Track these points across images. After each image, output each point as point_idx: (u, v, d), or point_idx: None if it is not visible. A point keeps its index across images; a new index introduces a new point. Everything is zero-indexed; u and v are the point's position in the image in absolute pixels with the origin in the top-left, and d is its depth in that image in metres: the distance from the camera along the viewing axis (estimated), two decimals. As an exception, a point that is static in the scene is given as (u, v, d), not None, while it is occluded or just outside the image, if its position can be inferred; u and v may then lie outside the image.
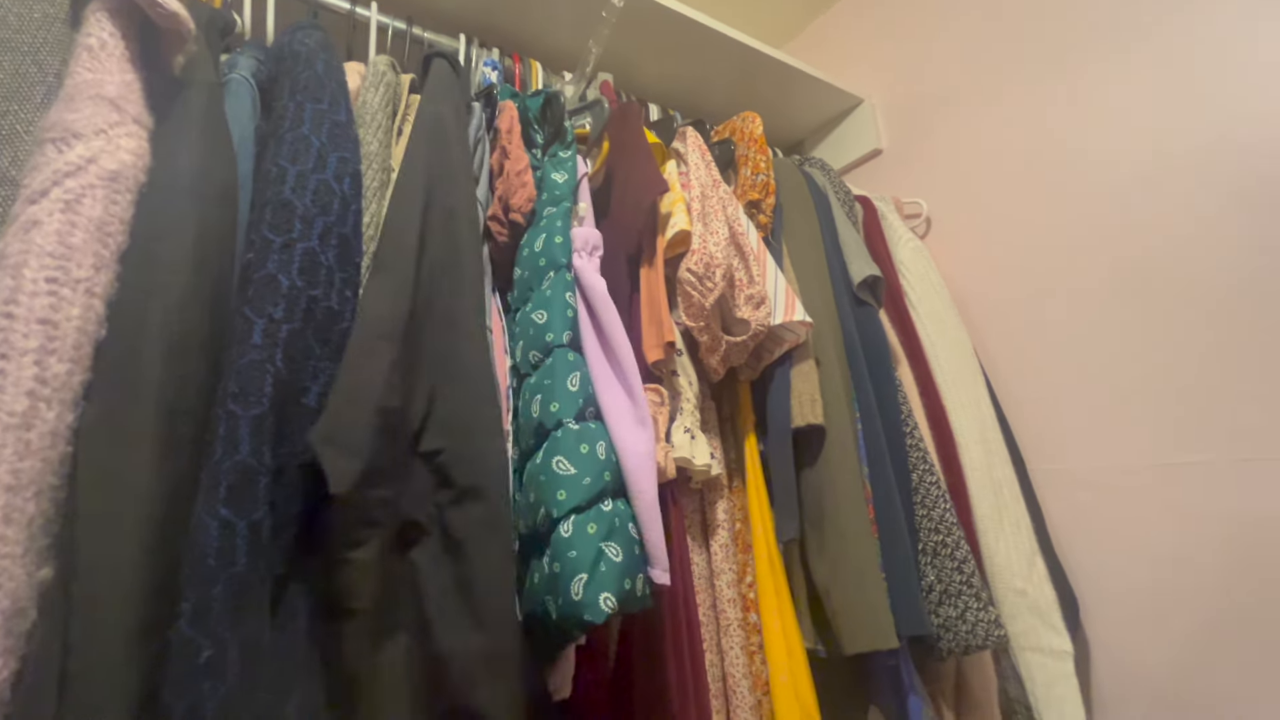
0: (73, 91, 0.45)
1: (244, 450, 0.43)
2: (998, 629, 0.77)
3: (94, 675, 0.39)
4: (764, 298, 0.83)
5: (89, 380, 0.43)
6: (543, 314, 0.68)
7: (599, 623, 0.53)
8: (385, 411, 0.52)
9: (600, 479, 0.60)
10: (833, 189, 1.05)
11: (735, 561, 0.84)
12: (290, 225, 0.51)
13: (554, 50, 1.10)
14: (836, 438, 0.82)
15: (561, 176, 0.79)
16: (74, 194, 0.42)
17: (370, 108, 0.67)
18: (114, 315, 0.45)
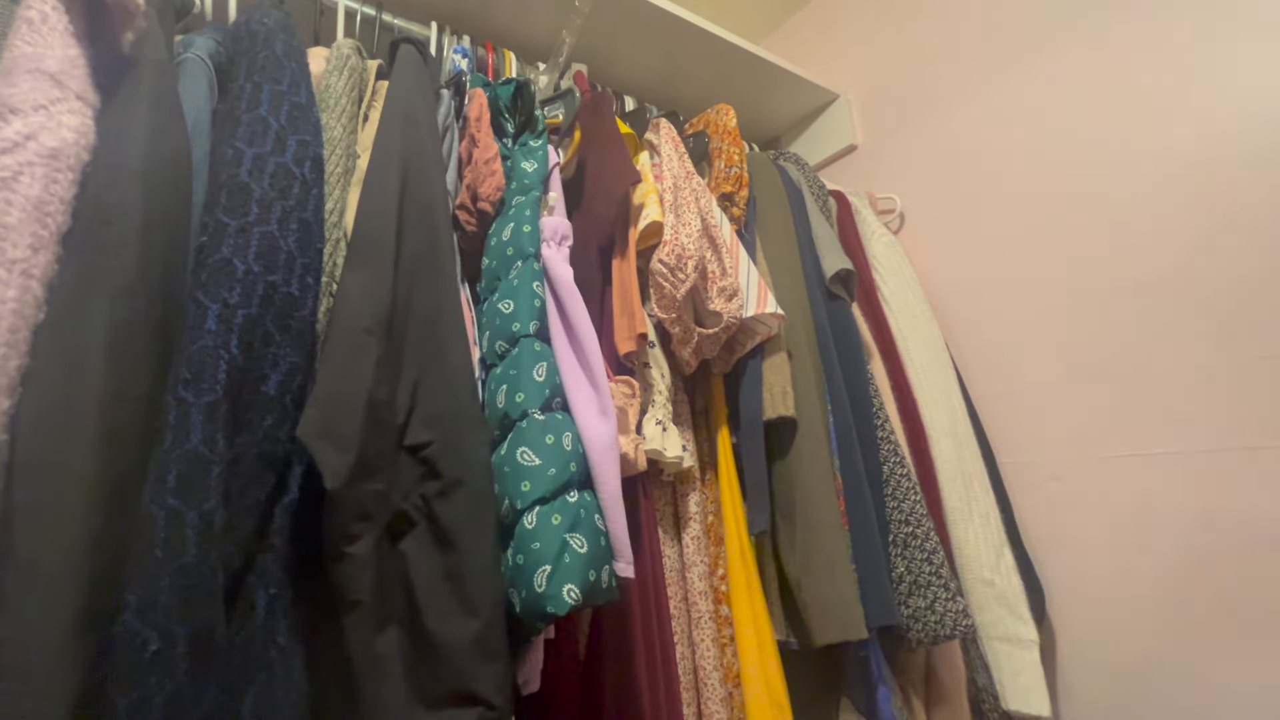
0: (10, 65, 0.43)
1: (195, 439, 0.42)
2: (966, 619, 0.77)
3: (32, 671, 0.37)
4: (736, 290, 0.83)
5: (26, 366, 0.42)
6: (509, 304, 0.67)
7: (562, 615, 0.53)
8: (374, 405, 0.51)
9: (566, 470, 0.60)
10: (807, 183, 1.06)
11: (707, 554, 0.83)
12: (247, 209, 0.49)
13: (528, 40, 1.09)
14: (808, 430, 0.82)
15: (531, 165, 0.78)
16: (10, 171, 0.41)
17: (334, 92, 0.66)
18: (54, 299, 0.43)
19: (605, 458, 0.64)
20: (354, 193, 0.65)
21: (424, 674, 0.53)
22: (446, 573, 0.54)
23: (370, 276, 0.57)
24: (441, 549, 0.55)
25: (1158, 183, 0.90)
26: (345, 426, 0.50)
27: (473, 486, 0.56)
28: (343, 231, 0.63)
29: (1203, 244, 0.86)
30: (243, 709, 0.45)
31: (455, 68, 0.87)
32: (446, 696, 0.52)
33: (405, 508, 0.56)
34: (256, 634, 0.46)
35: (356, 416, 0.51)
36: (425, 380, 0.59)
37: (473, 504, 0.56)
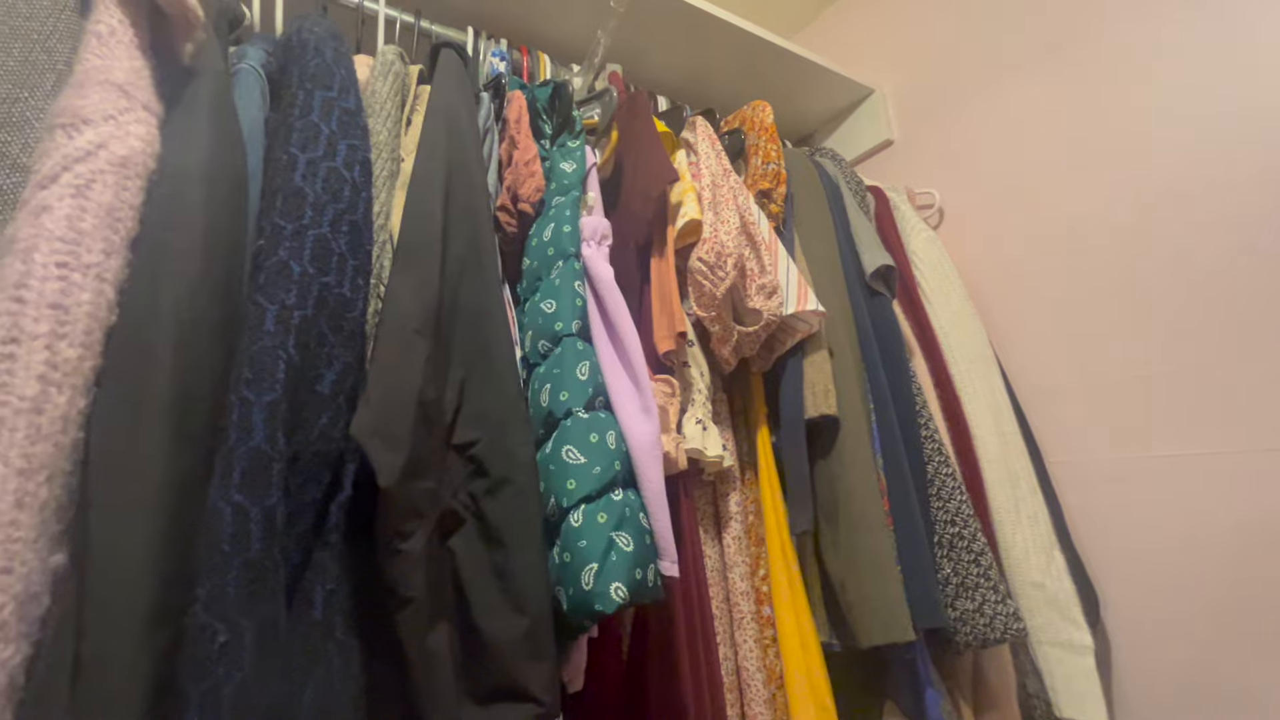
0: (82, 78, 0.45)
1: (257, 436, 0.43)
2: (1017, 622, 0.75)
3: (107, 661, 0.39)
4: (776, 287, 0.82)
5: (101, 366, 0.43)
6: (551, 303, 0.68)
7: (610, 613, 0.53)
8: (424, 404, 0.52)
9: (610, 468, 0.60)
10: (844, 179, 1.04)
11: (748, 554, 0.83)
12: (301, 212, 0.51)
13: (562, 42, 1.09)
14: (850, 429, 0.81)
15: (570, 166, 0.78)
16: (84, 179, 0.42)
17: (379, 97, 0.67)
18: (125, 301, 0.45)
19: (649, 456, 0.64)
20: (399, 196, 0.67)
21: (474, 669, 0.53)
22: (495, 570, 0.55)
23: (418, 278, 0.58)
24: (490, 546, 0.56)
25: (1217, 176, 0.87)
26: (397, 425, 0.51)
27: (519, 485, 0.56)
28: (389, 234, 0.64)
29: (1264, 240, 0.82)
30: (303, 701, 0.46)
31: (493, 70, 0.88)
32: (496, 692, 0.53)
33: (454, 505, 0.57)
34: (315, 629, 0.47)
35: (407, 415, 0.52)
36: (472, 379, 0.60)
37: (520, 502, 0.56)
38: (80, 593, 0.40)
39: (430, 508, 0.54)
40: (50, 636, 0.39)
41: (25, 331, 0.39)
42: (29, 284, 0.39)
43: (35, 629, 0.39)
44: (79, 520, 0.42)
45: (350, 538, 0.51)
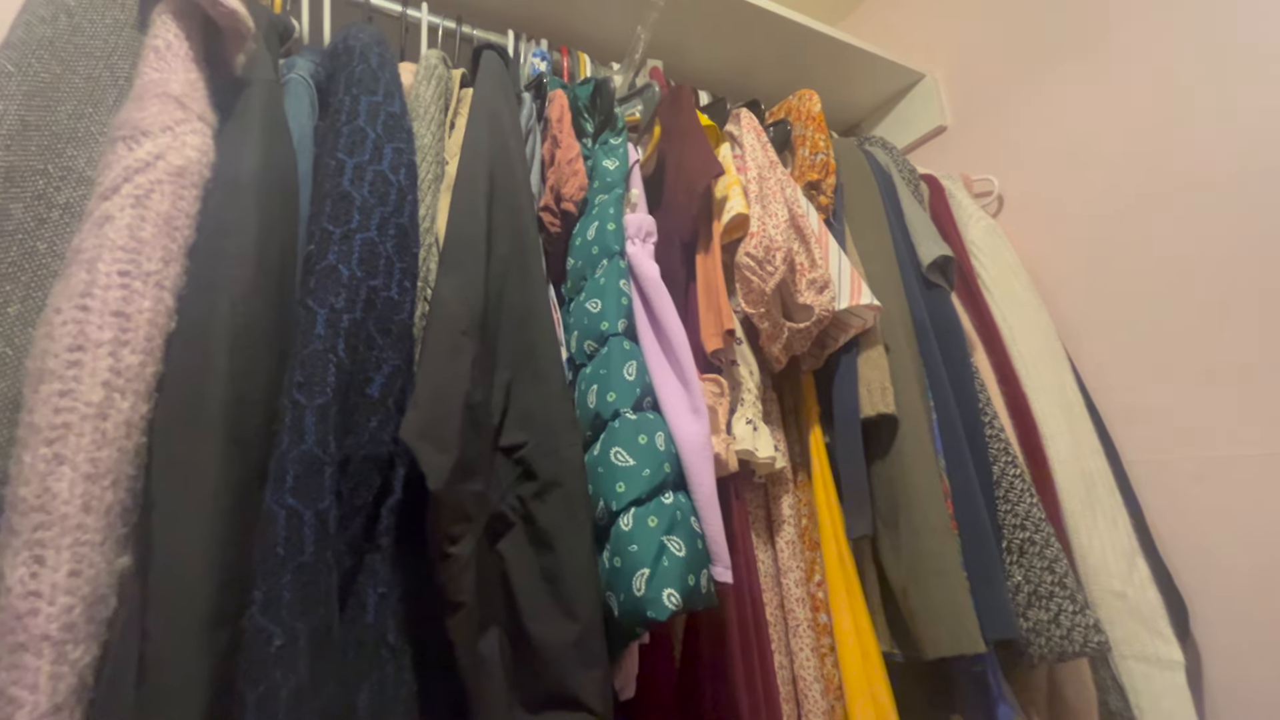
0: (141, 91, 0.46)
1: (309, 440, 0.43)
2: (1098, 635, 0.70)
3: (170, 663, 0.39)
4: (827, 282, 0.79)
5: (160, 372, 0.44)
6: (597, 303, 0.67)
7: (662, 620, 0.52)
8: (471, 406, 0.52)
9: (660, 470, 0.58)
10: (896, 168, 1.00)
11: (802, 559, 0.80)
12: (349, 216, 0.51)
13: (601, 41, 1.09)
14: (910, 428, 0.77)
15: (613, 164, 0.77)
16: (143, 189, 0.43)
17: (423, 101, 0.67)
18: (182, 308, 0.46)
19: (699, 458, 0.62)
20: (444, 199, 0.67)
21: (525, 675, 0.53)
22: (544, 574, 0.54)
23: (464, 280, 0.57)
24: (539, 550, 0.55)
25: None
26: (445, 428, 0.51)
27: (568, 488, 0.55)
28: (435, 237, 0.64)
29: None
30: (357, 706, 0.46)
31: (534, 71, 0.88)
32: (548, 699, 0.52)
33: (502, 508, 0.56)
34: (368, 633, 0.47)
35: (456, 418, 0.51)
36: (518, 381, 0.59)
37: (569, 505, 0.55)
38: (144, 594, 0.41)
39: (479, 511, 0.53)
40: (117, 637, 0.40)
41: (90, 339, 0.40)
42: (93, 292, 0.40)
43: (103, 630, 0.40)
44: (142, 523, 0.43)
45: (400, 541, 0.51)
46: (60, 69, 0.46)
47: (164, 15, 0.49)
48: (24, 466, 0.38)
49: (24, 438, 0.39)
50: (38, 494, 0.38)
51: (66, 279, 0.41)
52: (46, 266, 0.44)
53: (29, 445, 0.38)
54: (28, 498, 0.38)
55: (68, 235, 0.45)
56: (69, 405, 0.39)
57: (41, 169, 0.44)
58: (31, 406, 0.39)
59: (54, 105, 0.45)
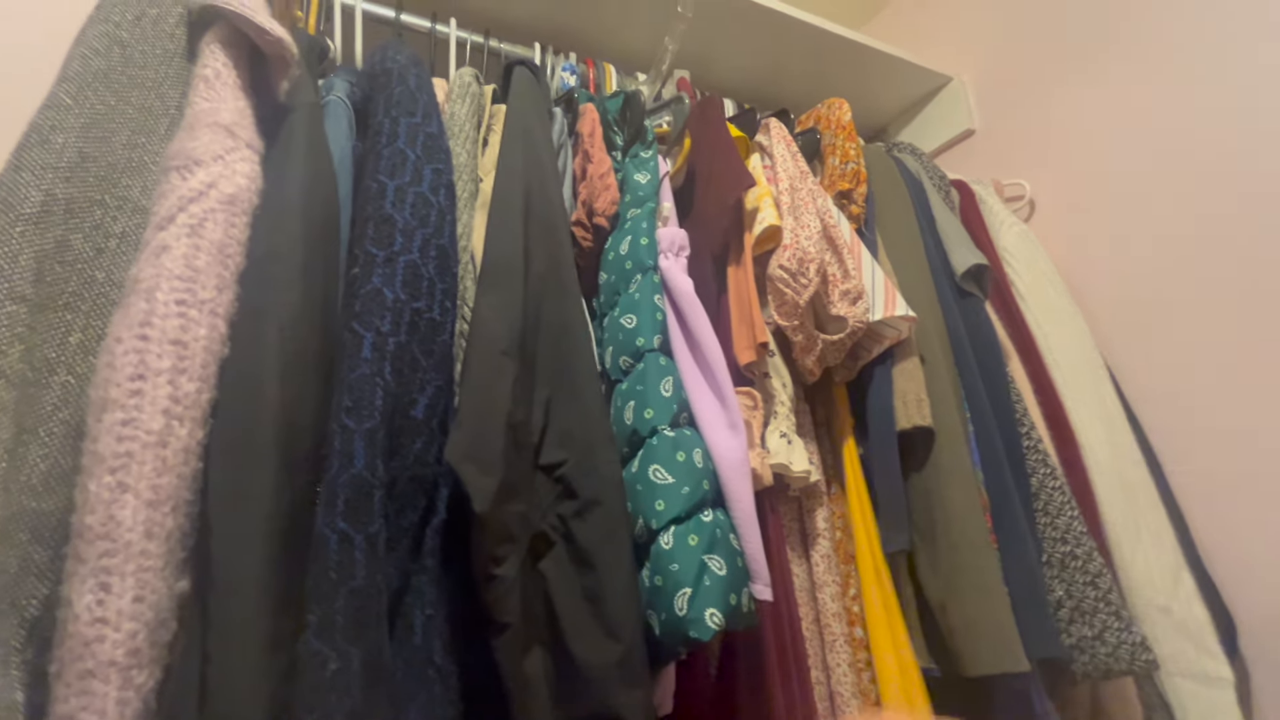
0: (192, 120, 0.47)
1: (359, 464, 0.44)
2: (1145, 653, 0.69)
3: (232, 686, 0.40)
4: (861, 293, 0.78)
5: (215, 398, 0.45)
6: (632, 318, 0.67)
7: (705, 640, 0.51)
8: (514, 426, 0.52)
9: (699, 488, 0.58)
10: (926, 174, 0.99)
11: (838, 573, 0.79)
12: (392, 239, 0.51)
13: (627, 52, 1.09)
14: (946, 440, 0.76)
15: (644, 177, 0.77)
16: (197, 218, 0.44)
17: (458, 119, 0.68)
18: (234, 334, 0.46)
19: (737, 474, 0.62)
20: (479, 216, 0.67)
21: (568, 695, 0.53)
22: (586, 594, 0.54)
23: (503, 298, 0.58)
24: (580, 570, 0.55)
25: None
26: (489, 449, 0.51)
27: (608, 506, 0.55)
28: (470, 255, 0.65)
29: None
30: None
31: (564, 85, 0.88)
32: (591, 718, 0.52)
33: (544, 528, 0.56)
34: (416, 654, 0.47)
35: (499, 438, 0.52)
36: (556, 398, 0.59)
37: (609, 524, 0.55)
38: (204, 618, 0.42)
39: (522, 531, 0.53)
40: (178, 661, 0.41)
41: (150, 367, 0.41)
42: (152, 321, 0.41)
43: (165, 654, 0.41)
44: (200, 548, 0.43)
45: (445, 562, 0.51)
46: (115, 100, 0.47)
47: (212, 44, 0.50)
48: (89, 495, 0.39)
49: (89, 466, 0.40)
50: (103, 521, 0.39)
51: (126, 308, 0.42)
52: (105, 295, 0.45)
53: (93, 474, 0.39)
54: (93, 525, 0.39)
55: (125, 264, 0.46)
56: (131, 434, 0.40)
57: (99, 199, 0.45)
58: (95, 435, 0.40)
59: (109, 136, 0.46)
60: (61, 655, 0.38)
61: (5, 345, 0.39)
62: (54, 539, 0.43)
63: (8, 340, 0.39)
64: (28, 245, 0.41)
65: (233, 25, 0.52)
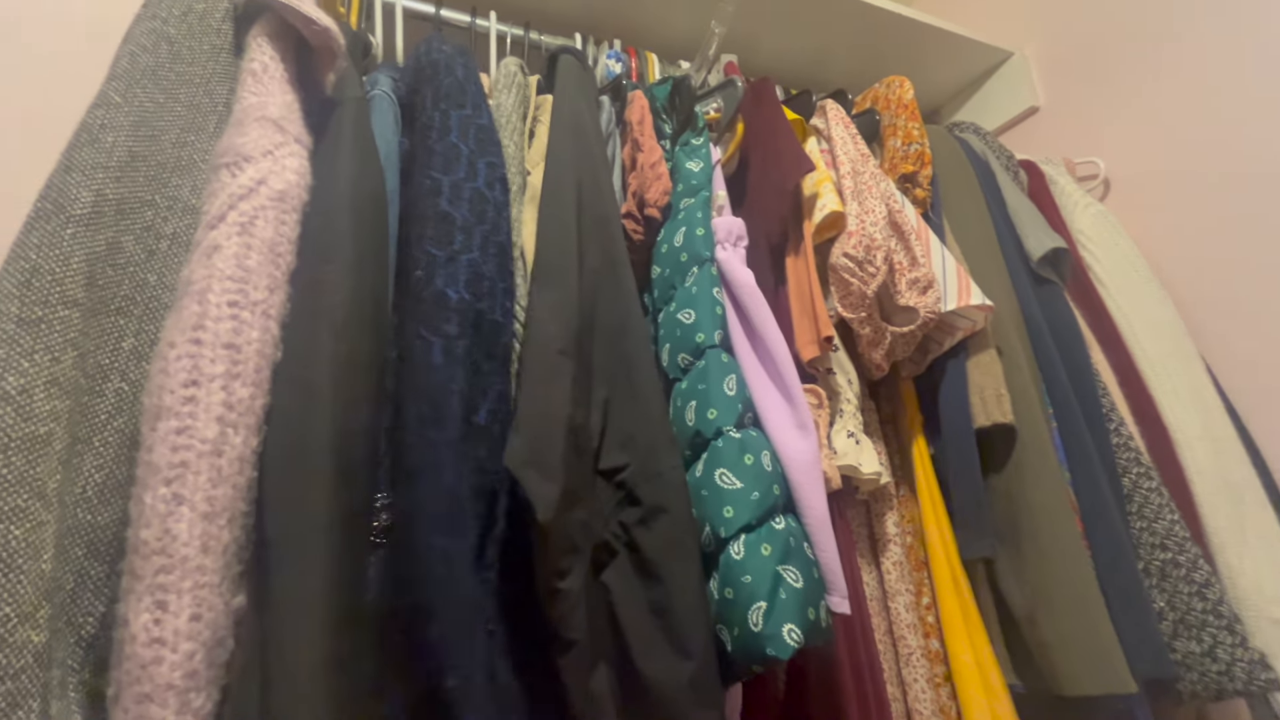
0: (241, 116, 0.45)
1: (447, 476, 0.41)
2: (1265, 671, 0.62)
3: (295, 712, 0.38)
4: (931, 281, 0.73)
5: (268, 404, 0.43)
6: (690, 313, 0.63)
7: (785, 659, 0.48)
8: (574, 430, 0.49)
9: (769, 493, 0.54)
10: (993, 154, 0.93)
11: (911, 581, 0.74)
12: (451, 237, 0.49)
13: (668, 41, 1.05)
14: (1030, 438, 0.70)
15: (696, 165, 0.73)
16: (248, 216, 0.42)
17: (505, 110, 0.65)
18: (286, 337, 0.44)
19: (808, 478, 0.58)
20: (529, 211, 0.64)
21: (637, 714, 0.50)
22: (653, 607, 0.51)
23: (558, 296, 0.55)
24: (646, 582, 0.51)
25: None
26: (550, 454, 0.48)
27: (674, 514, 0.52)
28: (520, 251, 0.62)
29: None
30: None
31: (609, 73, 0.85)
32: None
33: (606, 536, 0.53)
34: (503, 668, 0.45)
35: (560, 442, 0.49)
36: (615, 400, 0.56)
37: (675, 532, 0.51)
38: (262, 636, 0.40)
39: (585, 541, 0.50)
40: (236, 681, 0.39)
41: (204, 373, 0.39)
42: (205, 325, 0.39)
43: (222, 674, 0.39)
44: (257, 561, 0.41)
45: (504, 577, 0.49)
46: (163, 98, 0.46)
47: (259, 38, 0.48)
48: (145, 507, 0.37)
49: (143, 477, 0.38)
50: (158, 536, 0.37)
51: (179, 311, 0.40)
52: (158, 299, 0.44)
53: (149, 485, 0.37)
54: (149, 540, 0.37)
55: (176, 266, 0.45)
56: (186, 443, 0.38)
57: (149, 200, 0.44)
58: (150, 445, 0.38)
59: (158, 135, 0.45)
60: (119, 677, 0.36)
61: (58, 352, 0.37)
62: (110, 553, 0.42)
63: (60, 347, 0.37)
64: (79, 248, 0.39)
65: (279, 18, 0.50)
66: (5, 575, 0.33)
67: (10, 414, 0.34)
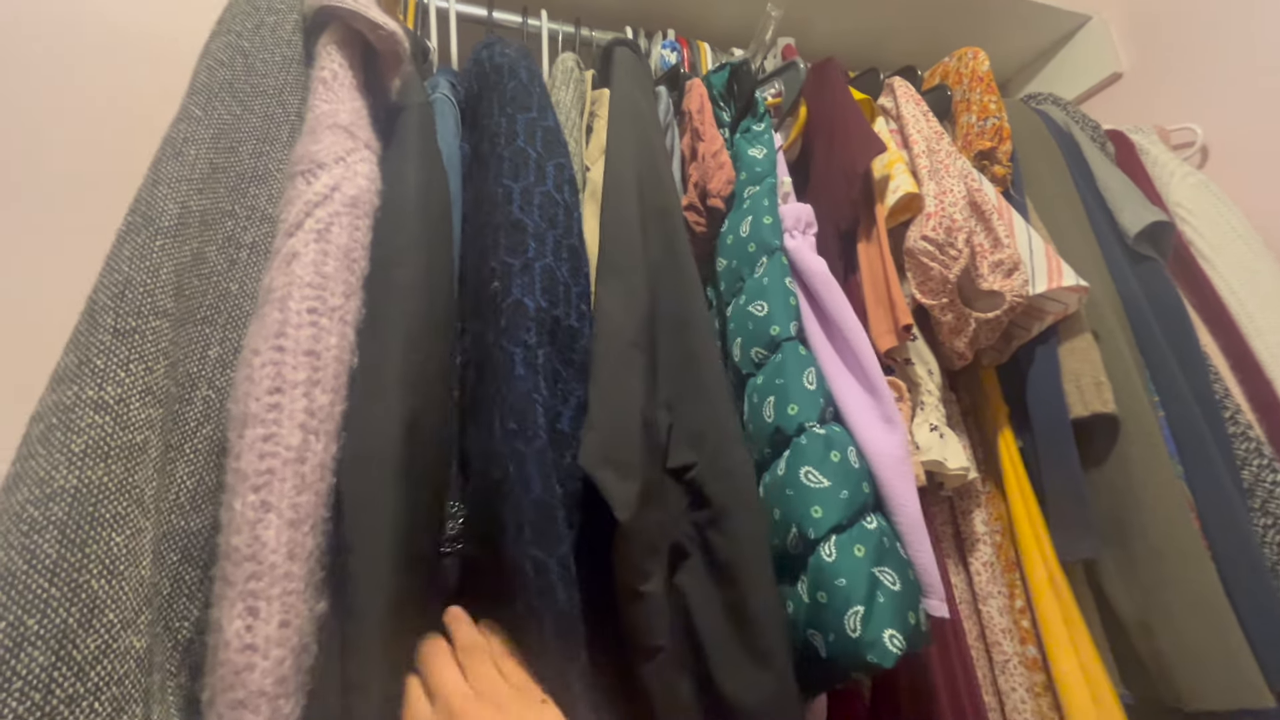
0: (314, 124, 0.46)
1: (536, 487, 0.41)
2: None
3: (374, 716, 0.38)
4: (1017, 263, 0.68)
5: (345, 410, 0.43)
6: (762, 305, 0.60)
7: (887, 666, 0.45)
8: (648, 425, 0.47)
9: (859, 491, 0.51)
10: (1077, 126, 0.86)
11: (1002, 583, 0.69)
12: (525, 245, 0.48)
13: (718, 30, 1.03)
14: (1136, 429, 0.65)
15: (759, 152, 0.70)
16: (324, 223, 0.42)
17: (564, 107, 0.64)
18: (361, 344, 0.44)
19: (898, 474, 0.54)
20: (588, 206, 0.63)
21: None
22: (728, 612, 0.48)
23: (625, 289, 0.53)
24: (720, 585, 0.49)
25: None
26: (626, 451, 0.46)
27: (747, 514, 0.50)
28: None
29: None
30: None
31: (664, 63, 0.83)
32: None
33: (678, 537, 0.51)
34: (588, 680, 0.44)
35: (636, 439, 0.47)
36: (681, 396, 0.54)
37: (749, 533, 0.49)
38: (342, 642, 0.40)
39: (662, 542, 0.49)
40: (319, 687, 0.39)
41: (287, 380, 0.39)
42: (287, 332, 0.39)
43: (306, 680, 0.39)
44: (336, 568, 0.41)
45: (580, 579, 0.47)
46: (240, 109, 0.46)
47: (329, 46, 0.49)
48: (235, 514, 0.37)
49: (232, 484, 0.38)
50: (249, 543, 0.37)
51: (261, 319, 0.40)
52: (240, 307, 0.44)
53: (238, 492, 0.38)
54: (240, 547, 0.37)
55: (256, 275, 0.45)
56: (272, 449, 0.38)
57: (230, 210, 0.45)
58: (238, 452, 0.38)
59: (237, 146, 0.46)
60: (213, 683, 0.36)
61: (152, 361, 0.38)
62: (202, 558, 0.43)
63: (154, 356, 0.38)
64: (168, 259, 0.40)
65: (347, 26, 0.50)
66: (108, 581, 0.33)
67: (110, 423, 0.35)
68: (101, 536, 0.33)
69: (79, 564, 0.32)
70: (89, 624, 0.32)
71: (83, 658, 0.31)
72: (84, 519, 0.33)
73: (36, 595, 0.31)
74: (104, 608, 0.32)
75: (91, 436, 0.34)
